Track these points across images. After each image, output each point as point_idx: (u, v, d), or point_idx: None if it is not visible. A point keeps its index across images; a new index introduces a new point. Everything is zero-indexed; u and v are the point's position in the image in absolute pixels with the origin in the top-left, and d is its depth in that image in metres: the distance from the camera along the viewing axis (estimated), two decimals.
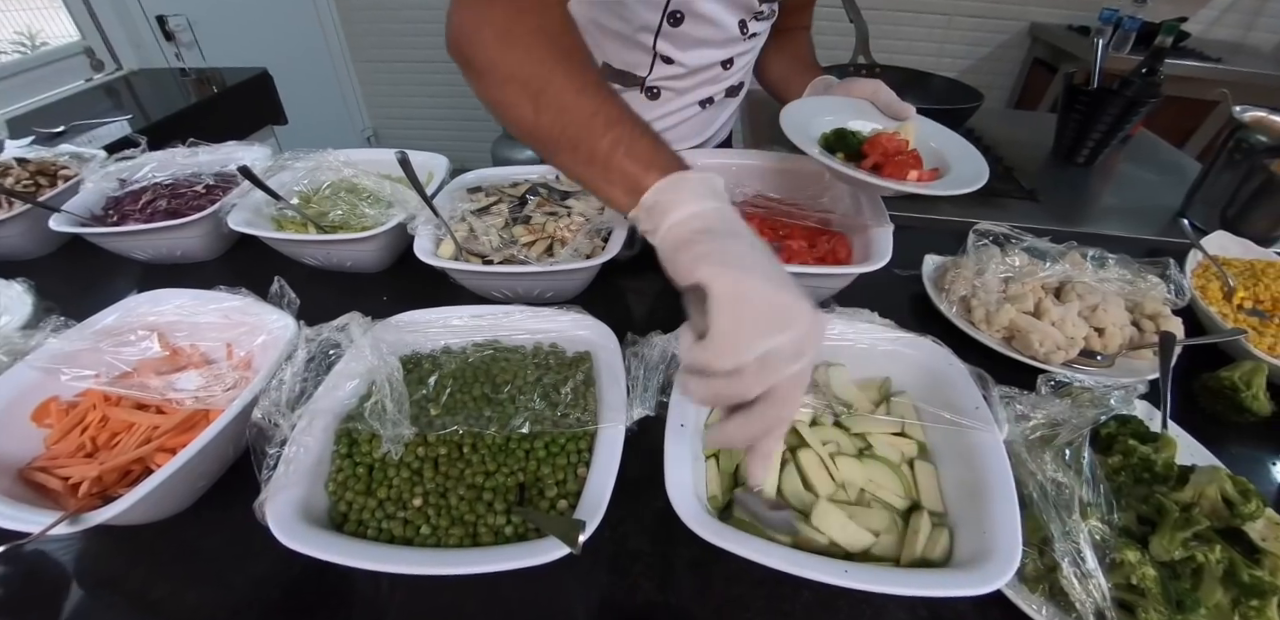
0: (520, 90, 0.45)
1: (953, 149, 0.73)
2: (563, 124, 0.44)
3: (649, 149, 0.42)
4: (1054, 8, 2.24)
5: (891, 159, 0.68)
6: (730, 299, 0.34)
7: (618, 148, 0.42)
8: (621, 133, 0.42)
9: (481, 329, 0.54)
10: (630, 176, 0.41)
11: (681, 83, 0.85)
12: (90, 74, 1.77)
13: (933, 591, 0.37)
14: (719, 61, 0.83)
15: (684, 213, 0.38)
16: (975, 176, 0.67)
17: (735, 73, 0.88)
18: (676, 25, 0.75)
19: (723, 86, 0.89)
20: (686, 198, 0.39)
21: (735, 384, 0.34)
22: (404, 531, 0.41)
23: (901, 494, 0.47)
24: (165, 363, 0.59)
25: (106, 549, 0.50)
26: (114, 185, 0.88)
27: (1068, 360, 0.63)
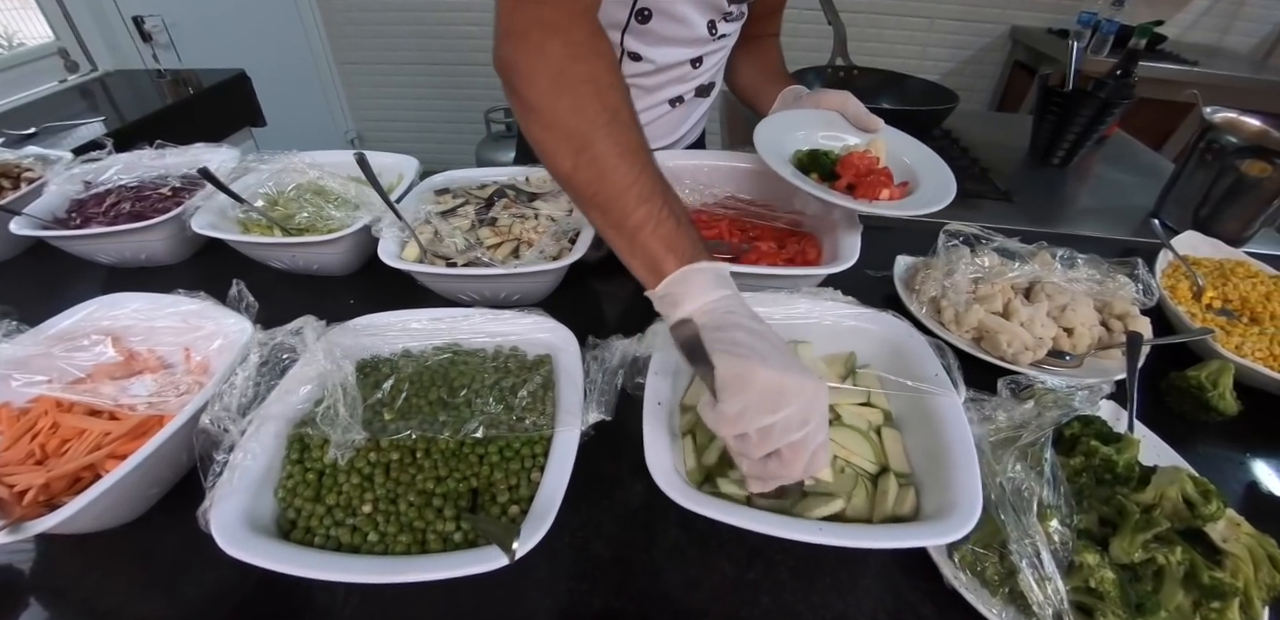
0: (564, 141, 0.46)
1: (921, 162, 0.74)
2: (598, 186, 0.46)
3: (672, 232, 0.45)
4: (1034, 11, 2.26)
5: (864, 179, 0.69)
6: (731, 383, 0.39)
7: (645, 225, 0.45)
8: (651, 210, 0.45)
9: (441, 332, 0.54)
10: (652, 257, 0.45)
11: (650, 80, 0.85)
12: (64, 75, 1.74)
13: (901, 542, 0.39)
14: (688, 60, 0.83)
15: (692, 306, 0.43)
16: (942, 193, 0.68)
17: (705, 72, 0.88)
18: (644, 22, 0.75)
19: (692, 86, 0.89)
20: (695, 291, 0.43)
21: (742, 445, 0.40)
22: (352, 539, 0.40)
23: (872, 459, 0.48)
24: (120, 368, 0.58)
25: (57, 558, 0.49)
26: (78, 188, 0.87)
27: (1036, 361, 0.63)
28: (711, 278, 0.44)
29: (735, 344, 0.40)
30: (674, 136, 0.96)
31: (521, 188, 0.74)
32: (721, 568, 0.45)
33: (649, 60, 0.81)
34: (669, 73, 0.84)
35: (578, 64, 0.46)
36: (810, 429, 0.39)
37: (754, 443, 0.39)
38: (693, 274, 0.43)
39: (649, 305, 0.60)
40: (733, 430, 0.39)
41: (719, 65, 0.90)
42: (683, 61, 0.83)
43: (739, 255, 0.68)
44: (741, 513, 0.39)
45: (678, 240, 0.45)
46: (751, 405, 0.38)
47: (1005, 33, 2.32)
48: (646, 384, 0.47)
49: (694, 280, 0.43)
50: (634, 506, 0.50)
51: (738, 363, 0.39)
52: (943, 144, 1.22)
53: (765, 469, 0.40)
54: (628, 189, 0.45)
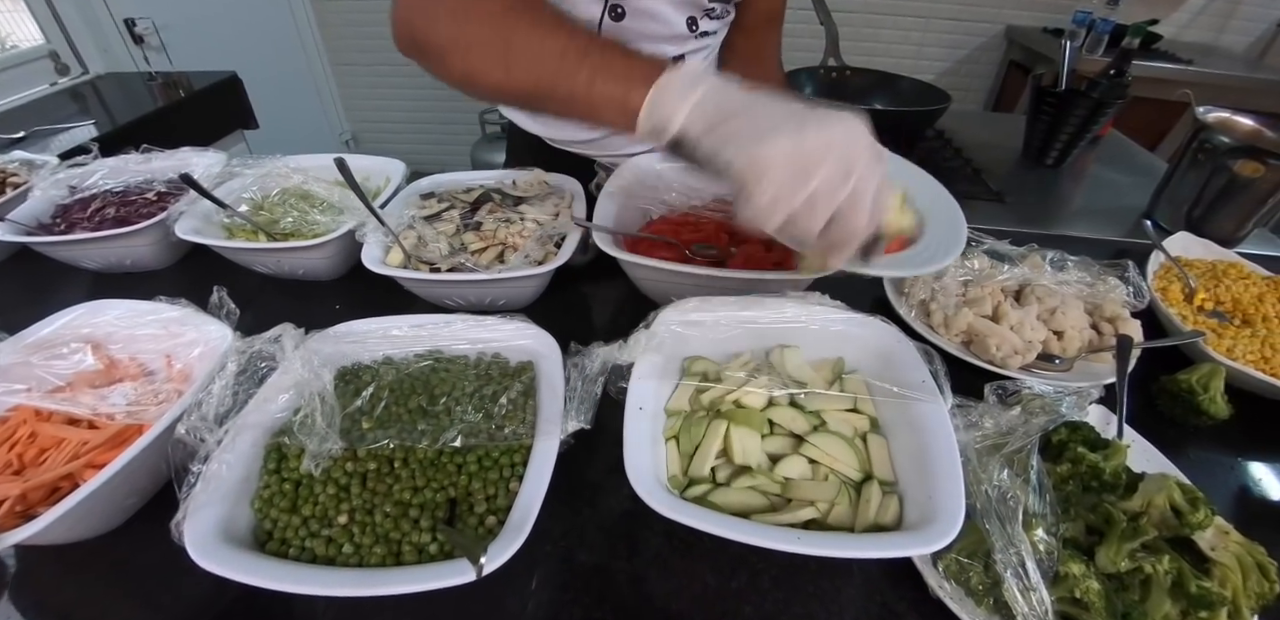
0: (486, 53, 0.45)
1: (927, 202, 0.64)
2: (537, 73, 0.44)
3: (624, 68, 0.42)
4: (1029, 10, 2.26)
5: None
6: (750, 172, 0.37)
7: (595, 79, 0.43)
8: (594, 61, 0.43)
9: (423, 339, 0.53)
10: (617, 102, 0.42)
11: None
12: (55, 78, 1.74)
13: (880, 552, 0.39)
14: (668, 59, 0.80)
15: (677, 124, 0.40)
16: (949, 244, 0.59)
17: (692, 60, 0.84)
18: (619, 20, 0.73)
19: None
20: (669, 109, 0.40)
21: (794, 229, 0.38)
22: (327, 550, 0.40)
23: (856, 467, 0.48)
24: (100, 376, 0.57)
25: (34, 569, 0.48)
26: (64, 193, 0.86)
27: (1026, 364, 0.62)
28: (679, 84, 0.40)
29: (734, 134, 0.38)
30: None
31: (508, 191, 0.74)
32: (704, 577, 0.45)
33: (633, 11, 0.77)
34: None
35: None
36: (857, 177, 0.36)
37: (805, 221, 0.36)
38: (660, 94, 0.40)
39: (636, 309, 0.60)
40: (776, 220, 0.37)
41: (708, 63, 0.87)
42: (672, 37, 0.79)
43: (726, 258, 0.67)
44: (719, 521, 0.39)
45: (633, 70, 0.42)
46: (782, 185, 0.36)
47: (1000, 32, 2.32)
48: (629, 388, 0.47)
49: (664, 99, 0.40)
50: (617, 514, 0.49)
51: (745, 150, 0.36)
52: (935, 145, 1.21)
53: (831, 238, 0.38)
54: (562, 55, 0.43)
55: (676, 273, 0.60)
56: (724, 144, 0.38)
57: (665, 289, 0.65)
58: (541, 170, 0.79)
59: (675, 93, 0.40)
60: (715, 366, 0.55)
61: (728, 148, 0.38)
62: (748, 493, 0.46)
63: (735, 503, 0.45)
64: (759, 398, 0.51)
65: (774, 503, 0.46)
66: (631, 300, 0.73)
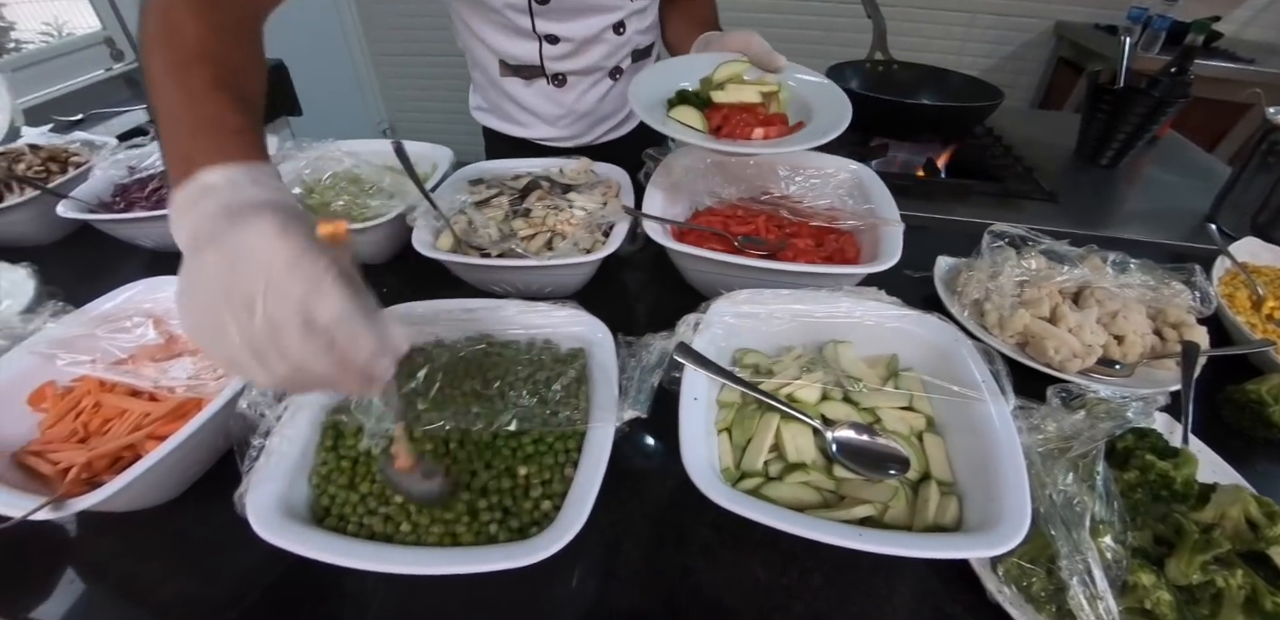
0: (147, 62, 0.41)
1: (824, 102, 0.69)
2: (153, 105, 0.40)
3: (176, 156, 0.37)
4: (1081, 6, 2.18)
5: (731, 119, 0.65)
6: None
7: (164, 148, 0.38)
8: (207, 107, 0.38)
9: (475, 323, 0.53)
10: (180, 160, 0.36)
11: (578, 61, 0.84)
12: (110, 64, 1.79)
13: (946, 553, 0.38)
14: (608, 27, 0.82)
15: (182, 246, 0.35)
16: (830, 127, 0.63)
17: (633, 36, 0.86)
18: (545, 1, 0.75)
19: (624, 52, 0.88)
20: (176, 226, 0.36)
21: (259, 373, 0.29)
22: (385, 528, 0.40)
23: (913, 466, 0.46)
24: (161, 350, 0.59)
25: (97, 535, 0.50)
26: (123, 173, 0.89)
27: (1084, 369, 0.60)
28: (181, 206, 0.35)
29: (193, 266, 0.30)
30: (625, 109, 0.96)
31: (556, 179, 0.73)
32: (754, 571, 0.44)
33: (567, 39, 0.81)
34: (594, 48, 0.83)
35: None
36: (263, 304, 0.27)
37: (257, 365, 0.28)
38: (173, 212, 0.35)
39: (681, 300, 0.59)
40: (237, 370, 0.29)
41: (650, 25, 0.89)
42: (603, 30, 0.82)
43: (776, 252, 0.66)
44: (781, 515, 0.38)
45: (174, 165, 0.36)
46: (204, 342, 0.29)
47: (1050, 28, 2.25)
48: (683, 379, 0.46)
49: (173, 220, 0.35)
50: (663, 505, 0.49)
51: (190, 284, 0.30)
52: (985, 142, 1.18)
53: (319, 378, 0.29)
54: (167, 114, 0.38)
55: (727, 264, 0.60)
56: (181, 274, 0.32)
57: (713, 280, 0.65)
58: (588, 159, 0.79)
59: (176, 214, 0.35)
60: (766, 359, 0.54)
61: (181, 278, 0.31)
62: (801, 488, 0.45)
63: (787, 498, 0.44)
64: (813, 392, 0.50)
65: (827, 499, 0.45)
66: (676, 292, 0.73)
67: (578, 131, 0.96)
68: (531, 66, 0.86)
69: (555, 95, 0.90)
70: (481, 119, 1.02)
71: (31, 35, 1.99)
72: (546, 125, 0.95)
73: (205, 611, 0.44)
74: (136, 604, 0.44)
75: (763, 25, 2.35)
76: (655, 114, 0.66)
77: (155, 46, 0.41)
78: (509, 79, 0.89)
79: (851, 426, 0.47)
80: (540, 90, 0.90)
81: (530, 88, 0.90)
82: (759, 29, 0.73)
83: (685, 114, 0.67)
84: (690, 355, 0.47)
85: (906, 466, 0.45)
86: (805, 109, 0.69)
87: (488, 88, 0.95)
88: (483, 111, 1.02)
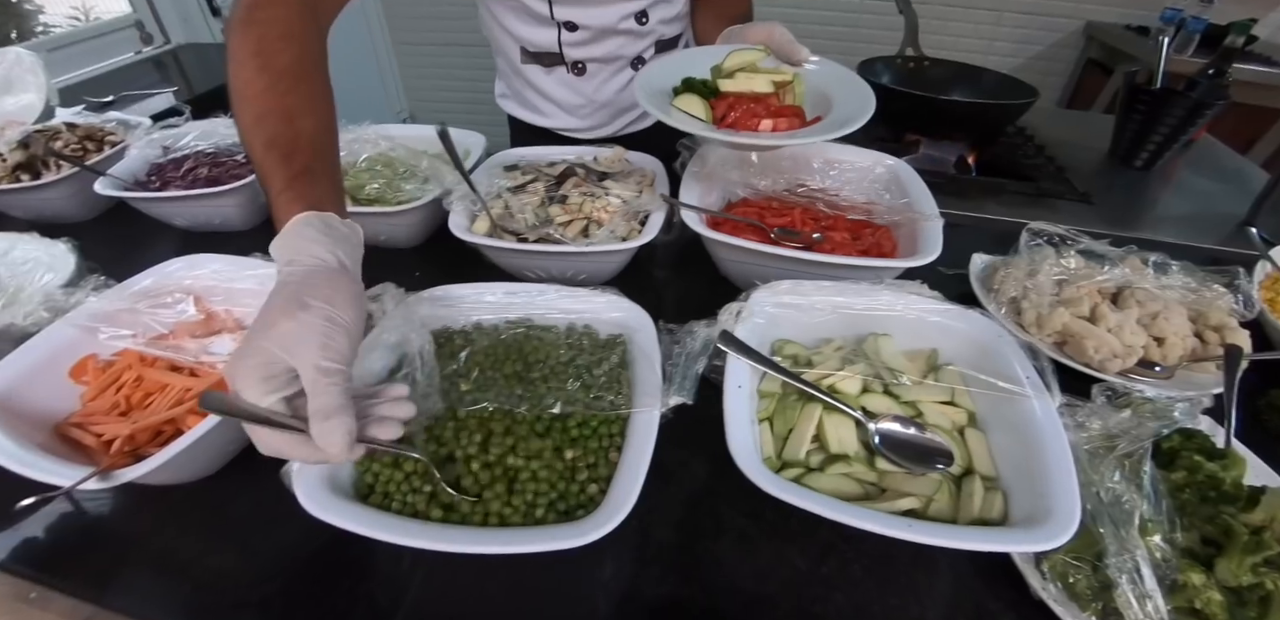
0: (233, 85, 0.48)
1: (846, 95, 0.65)
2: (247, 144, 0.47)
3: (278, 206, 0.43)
4: (1112, 6, 2.15)
5: (737, 109, 0.61)
6: None
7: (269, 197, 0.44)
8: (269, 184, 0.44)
9: (515, 306, 0.53)
10: (282, 204, 0.43)
11: (598, 49, 0.84)
12: (140, 47, 1.80)
13: (998, 546, 0.38)
14: (630, 15, 0.80)
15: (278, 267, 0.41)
16: (847, 121, 0.59)
17: (657, 26, 0.84)
18: None
19: (647, 43, 0.86)
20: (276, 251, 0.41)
21: None
22: (428, 507, 0.40)
23: (956, 460, 0.46)
24: (200, 326, 0.59)
25: (138, 507, 0.50)
26: (158, 152, 0.89)
27: (1124, 369, 0.60)
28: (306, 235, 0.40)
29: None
30: None
31: (591, 167, 0.73)
32: (793, 560, 0.44)
33: (585, 26, 0.80)
34: (613, 35, 0.82)
35: None
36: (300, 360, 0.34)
37: None
38: (290, 235, 0.41)
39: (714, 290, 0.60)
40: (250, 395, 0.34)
41: (676, 16, 0.86)
42: (625, 18, 0.80)
43: (811, 245, 0.66)
44: (833, 504, 0.38)
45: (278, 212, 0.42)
46: None
47: (1079, 28, 2.21)
48: (726, 368, 0.46)
49: (290, 242, 0.40)
50: (700, 493, 0.49)
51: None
52: (1017, 141, 1.17)
53: None
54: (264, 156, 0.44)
55: (766, 254, 0.59)
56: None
57: (748, 271, 0.64)
58: (622, 147, 0.78)
59: (284, 250, 0.40)
60: (805, 351, 0.54)
61: None
62: (842, 479, 0.45)
63: (828, 488, 0.44)
64: (854, 384, 0.49)
65: (868, 491, 0.45)
66: (708, 282, 0.73)
67: (598, 121, 0.96)
68: (551, 54, 0.85)
69: (575, 84, 0.90)
70: (506, 107, 1.02)
71: (59, 19, 2.01)
72: (567, 114, 0.95)
73: (245, 586, 0.44)
74: (178, 577, 0.45)
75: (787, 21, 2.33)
76: (658, 102, 0.63)
77: (234, 102, 0.47)
78: (530, 66, 0.89)
79: (895, 419, 0.47)
80: (560, 78, 0.90)
81: (550, 75, 0.90)
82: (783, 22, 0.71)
83: (689, 102, 0.64)
84: (734, 343, 0.47)
85: (951, 460, 0.45)
86: (825, 102, 0.66)
87: (511, 75, 0.95)
88: (506, 99, 1.02)
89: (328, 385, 0.33)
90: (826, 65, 0.68)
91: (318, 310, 0.35)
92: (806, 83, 0.67)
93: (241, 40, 0.48)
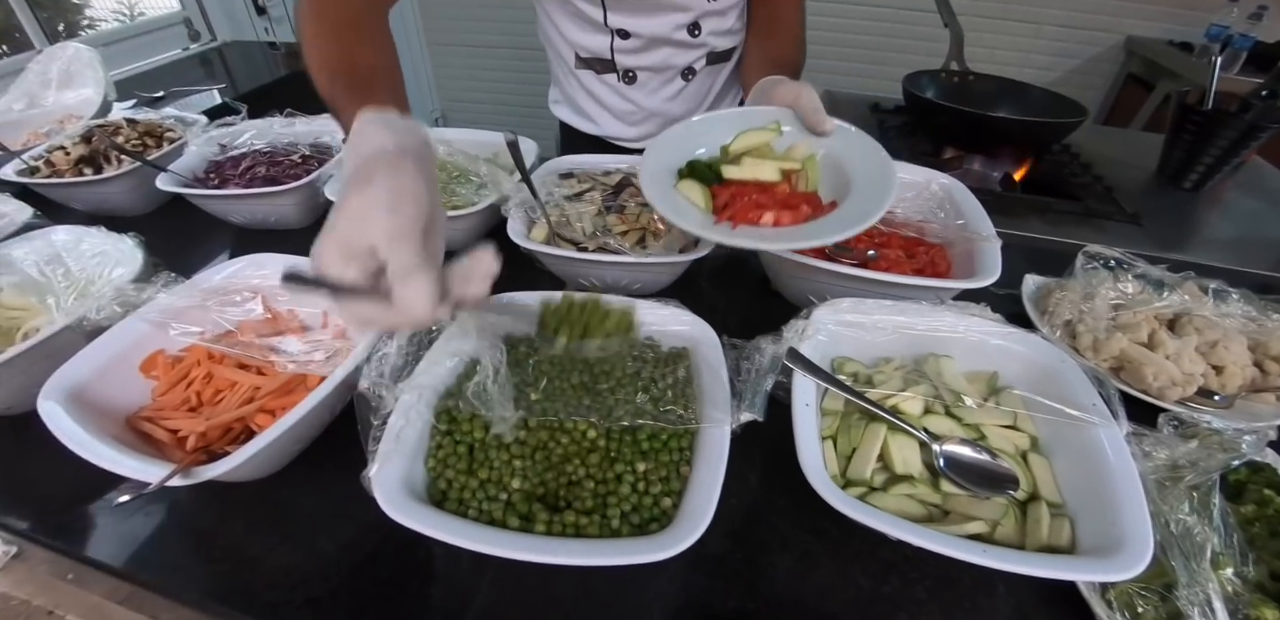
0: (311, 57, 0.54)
1: (866, 174, 0.59)
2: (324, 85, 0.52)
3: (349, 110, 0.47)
4: (1155, 21, 2.12)
5: (738, 199, 0.57)
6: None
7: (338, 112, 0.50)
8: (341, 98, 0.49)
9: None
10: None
11: (649, 58, 0.85)
12: (187, 43, 1.84)
13: (1074, 575, 0.38)
14: (683, 26, 0.81)
15: (348, 158, 0.44)
16: (858, 218, 0.54)
17: (708, 38, 0.84)
18: None
19: (699, 54, 0.87)
20: (347, 151, 0.45)
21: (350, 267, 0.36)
22: (504, 515, 0.41)
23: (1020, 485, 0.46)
24: (266, 325, 0.61)
25: (204, 502, 0.51)
26: (215, 150, 0.91)
27: (1183, 398, 0.59)
28: (353, 139, 0.44)
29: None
30: (700, 110, 0.95)
31: None
32: (856, 579, 0.44)
33: (637, 35, 0.81)
34: (664, 47, 0.84)
35: None
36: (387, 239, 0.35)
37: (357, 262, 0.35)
38: (348, 143, 0.45)
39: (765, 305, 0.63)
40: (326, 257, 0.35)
41: (730, 29, 0.86)
42: (677, 28, 0.81)
43: (866, 262, 0.66)
44: (909, 527, 0.38)
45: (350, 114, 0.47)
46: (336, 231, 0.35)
47: (1120, 43, 2.19)
48: (793, 385, 0.46)
49: (353, 139, 0.44)
50: (758, 507, 0.49)
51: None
52: (1062, 158, 1.16)
53: None
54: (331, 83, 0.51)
55: (828, 271, 0.60)
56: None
57: (803, 286, 0.65)
58: None
59: (350, 147, 0.44)
60: (865, 369, 0.54)
61: None
62: (905, 500, 0.45)
63: (892, 509, 0.44)
64: (916, 404, 0.50)
65: (932, 513, 0.45)
66: (753, 293, 0.73)
67: (647, 131, 0.97)
68: (603, 60, 0.87)
69: (625, 91, 0.91)
70: (558, 113, 1.04)
71: (104, 13, 2.06)
72: (616, 121, 0.96)
73: (313, 583, 0.45)
74: (248, 572, 0.46)
75: (823, 30, 2.32)
76: (660, 184, 0.59)
77: (305, 52, 0.54)
78: (583, 72, 0.91)
79: (962, 442, 0.47)
80: (611, 86, 0.91)
81: (602, 82, 0.91)
82: (820, 35, 0.68)
83: (690, 189, 0.59)
84: (801, 361, 0.48)
85: (1017, 485, 0.45)
86: (843, 181, 0.60)
87: (564, 81, 0.96)
88: (559, 105, 1.03)
89: (400, 247, 0.34)
90: (849, 136, 0.62)
91: (380, 183, 0.37)
92: (828, 154, 0.62)
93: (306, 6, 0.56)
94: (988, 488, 0.45)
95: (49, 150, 0.92)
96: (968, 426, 0.49)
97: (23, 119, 1.13)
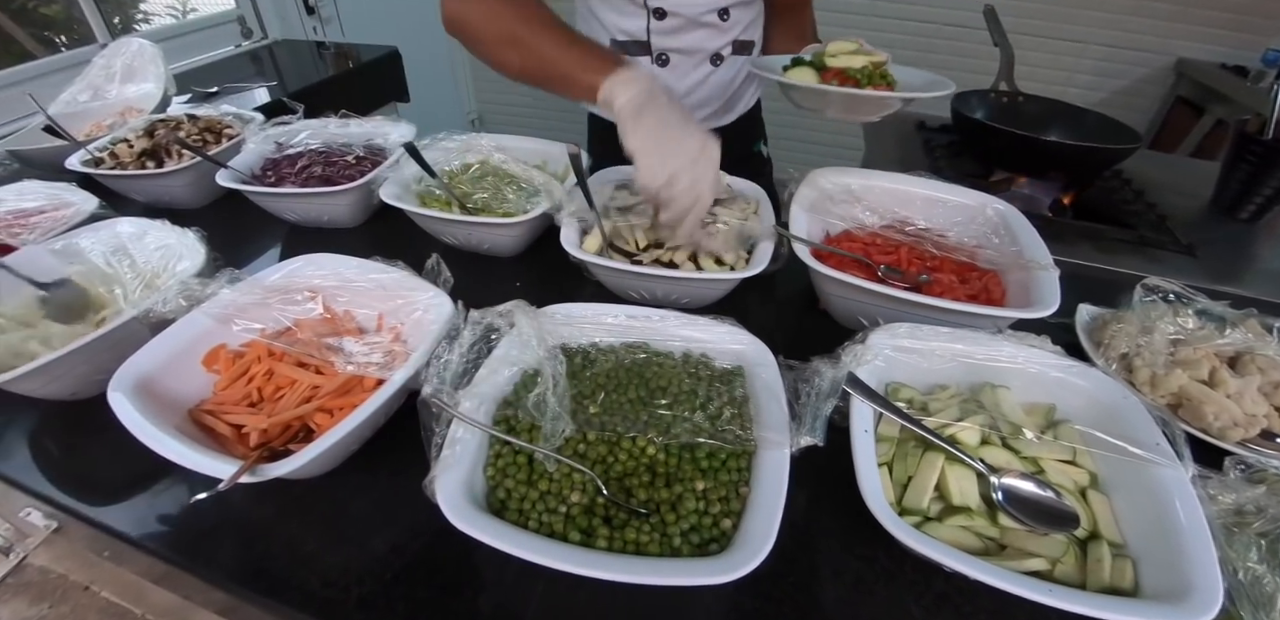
0: (505, 46, 0.69)
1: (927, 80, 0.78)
2: (540, 63, 0.67)
3: (597, 61, 0.63)
4: (1207, 43, 2.08)
5: (842, 79, 0.73)
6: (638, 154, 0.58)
7: (574, 68, 0.64)
8: (575, 54, 0.65)
9: (634, 331, 0.54)
10: (587, 84, 0.62)
11: (683, 39, 0.89)
12: (240, 41, 1.89)
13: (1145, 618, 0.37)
14: (715, 10, 0.87)
15: (618, 105, 0.60)
16: (935, 86, 0.73)
17: (736, 25, 0.91)
18: (661, 18, 0.82)
19: (727, 39, 0.92)
20: (617, 92, 0.60)
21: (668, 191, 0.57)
22: (564, 528, 0.41)
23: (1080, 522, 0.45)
24: (323, 325, 0.62)
25: (263, 498, 0.52)
26: (271, 148, 0.93)
27: (1245, 439, 0.58)
28: (622, 80, 0.60)
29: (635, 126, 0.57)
30: (723, 98, 0.99)
31: None
32: (910, 609, 0.44)
33: (674, 13, 0.86)
34: (699, 29, 0.89)
35: None
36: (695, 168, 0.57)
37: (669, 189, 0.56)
38: (610, 84, 0.60)
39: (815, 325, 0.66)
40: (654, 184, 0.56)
41: (753, 22, 0.94)
42: (710, 11, 0.87)
43: (918, 286, 0.65)
44: (973, 562, 0.38)
45: (604, 64, 0.62)
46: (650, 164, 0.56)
47: (1169, 64, 2.15)
48: (852, 411, 0.46)
49: (612, 89, 0.60)
50: (806, 531, 0.49)
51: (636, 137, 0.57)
52: (1113, 184, 1.14)
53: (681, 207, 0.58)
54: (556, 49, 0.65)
55: (877, 294, 0.59)
56: (629, 131, 0.58)
57: (853, 308, 0.64)
58: (724, 172, 0.79)
59: (619, 86, 0.60)
60: (920, 396, 0.53)
61: (630, 135, 0.58)
62: (961, 532, 0.45)
63: (947, 540, 0.43)
64: (974, 434, 0.49)
65: (987, 547, 0.45)
66: (799, 311, 0.73)
67: None
68: (639, 42, 0.91)
69: (657, 75, 0.94)
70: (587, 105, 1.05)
71: (158, 8, 2.12)
72: None
73: (369, 584, 0.45)
74: (304, 569, 0.47)
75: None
76: (772, 71, 0.76)
77: (470, 41, 0.74)
78: None
79: (1021, 475, 0.46)
80: None
81: None
82: None
83: (801, 74, 0.77)
84: (860, 387, 0.47)
85: (1078, 523, 0.44)
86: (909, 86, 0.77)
87: None
88: None
89: None
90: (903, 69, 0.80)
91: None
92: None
93: None
94: (1046, 524, 0.44)
95: (113, 142, 0.95)
96: (1025, 460, 0.49)
97: (86, 111, 1.16)
